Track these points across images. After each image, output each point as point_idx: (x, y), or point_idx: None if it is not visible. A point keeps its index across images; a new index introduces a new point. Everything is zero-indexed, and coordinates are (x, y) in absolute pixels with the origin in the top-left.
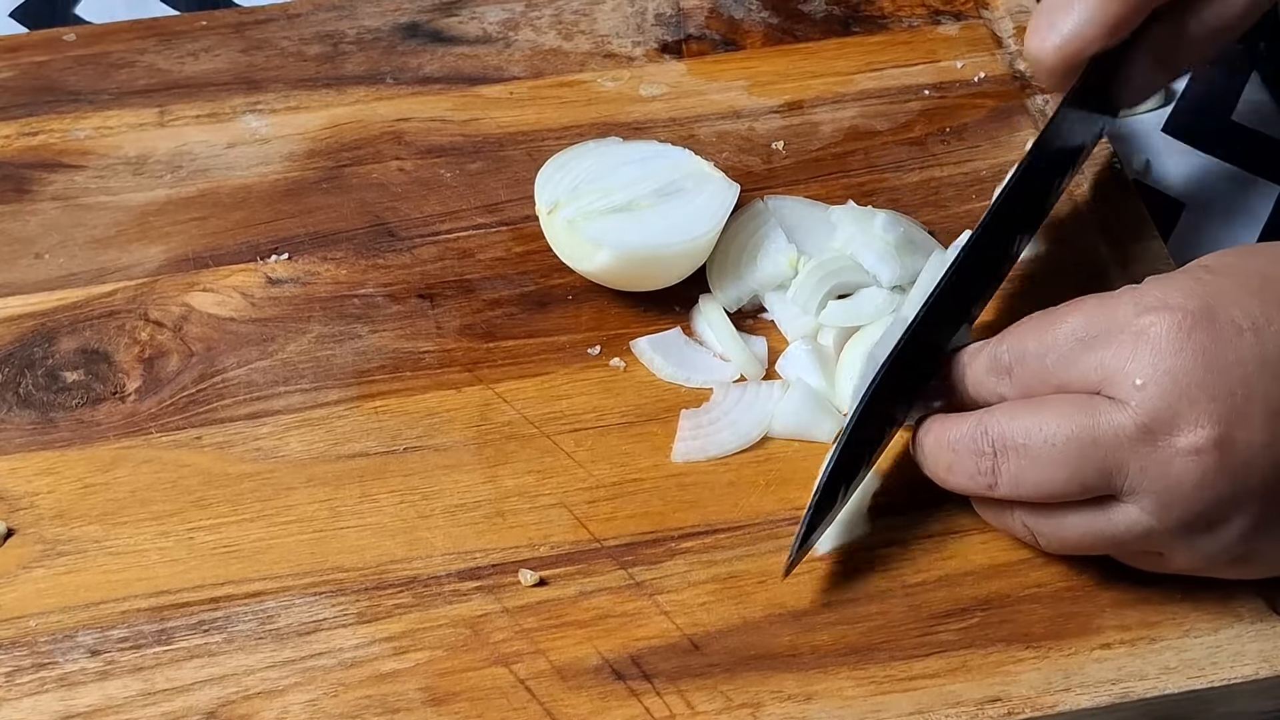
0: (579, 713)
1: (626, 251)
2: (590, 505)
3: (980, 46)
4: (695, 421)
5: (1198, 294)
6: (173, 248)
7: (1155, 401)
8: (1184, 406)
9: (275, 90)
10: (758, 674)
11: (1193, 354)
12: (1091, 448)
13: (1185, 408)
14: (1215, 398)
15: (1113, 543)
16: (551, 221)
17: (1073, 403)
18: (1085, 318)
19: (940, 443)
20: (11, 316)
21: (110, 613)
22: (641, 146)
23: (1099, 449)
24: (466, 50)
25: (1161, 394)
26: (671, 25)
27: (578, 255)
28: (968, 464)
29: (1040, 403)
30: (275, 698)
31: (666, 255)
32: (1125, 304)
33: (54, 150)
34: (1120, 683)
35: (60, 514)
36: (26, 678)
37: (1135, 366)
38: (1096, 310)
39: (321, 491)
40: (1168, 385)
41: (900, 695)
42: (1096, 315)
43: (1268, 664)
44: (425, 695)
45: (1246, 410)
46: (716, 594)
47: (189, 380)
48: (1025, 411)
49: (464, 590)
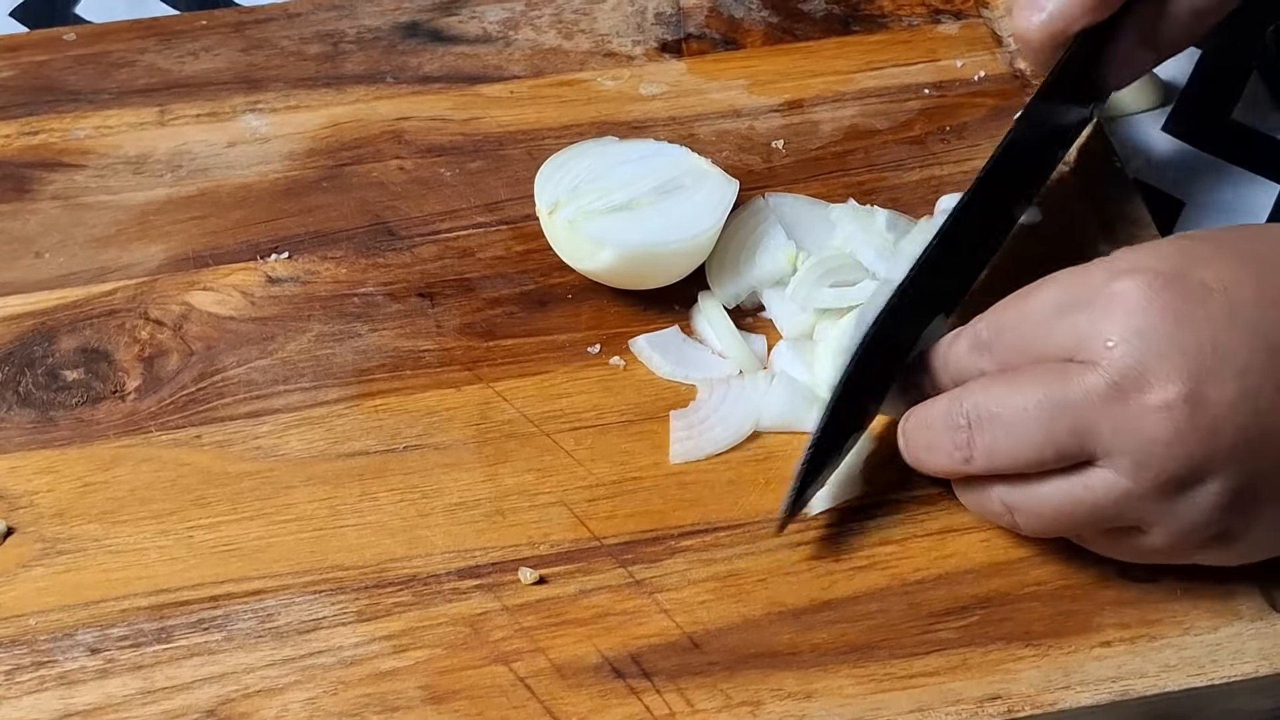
0: (579, 711)
1: (629, 250)
2: (590, 503)
3: (980, 45)
4: (686, 421)
5: (1169, 257)
6: (173, 247)
7: (1125, 359)
8: (1154, 363)
9: (275, 89)
10: (757, 672)
11: (1162, 312)
12: (1064, 410)
13: (1155, 364)
14: (1185, 353)
15: (1091, 512)
16: (552, 222)
17: (1046, 370)
18: (1060, 288)
19: (920, 423)
20: (11, 315)
21: (110, 611)
22: (639, 145)
23: (1071, 411)
24: (466, 49)
25: (1131, 351)
26: (671, 24)
27: (579, 255)
28: (944, 440)
29: (1014, 374)
30: (275, 696)
31: (668, 253)
32: (1098, 271)
33: (54, 149)
34: (1120, 681)
35: (60, 512)
36: (26, 676)
37: (1106, 327)
38: (1070, 280)
39: (321, 490)
40: (1137, 343)
41: (900, 693)
42: (1071, 285)
43: (1268, 662)
44: (425, 693)
45: (1216, 368)
46: (716, 592)
47: (189, 379)
48: (999, 383)
49: (464, 588)
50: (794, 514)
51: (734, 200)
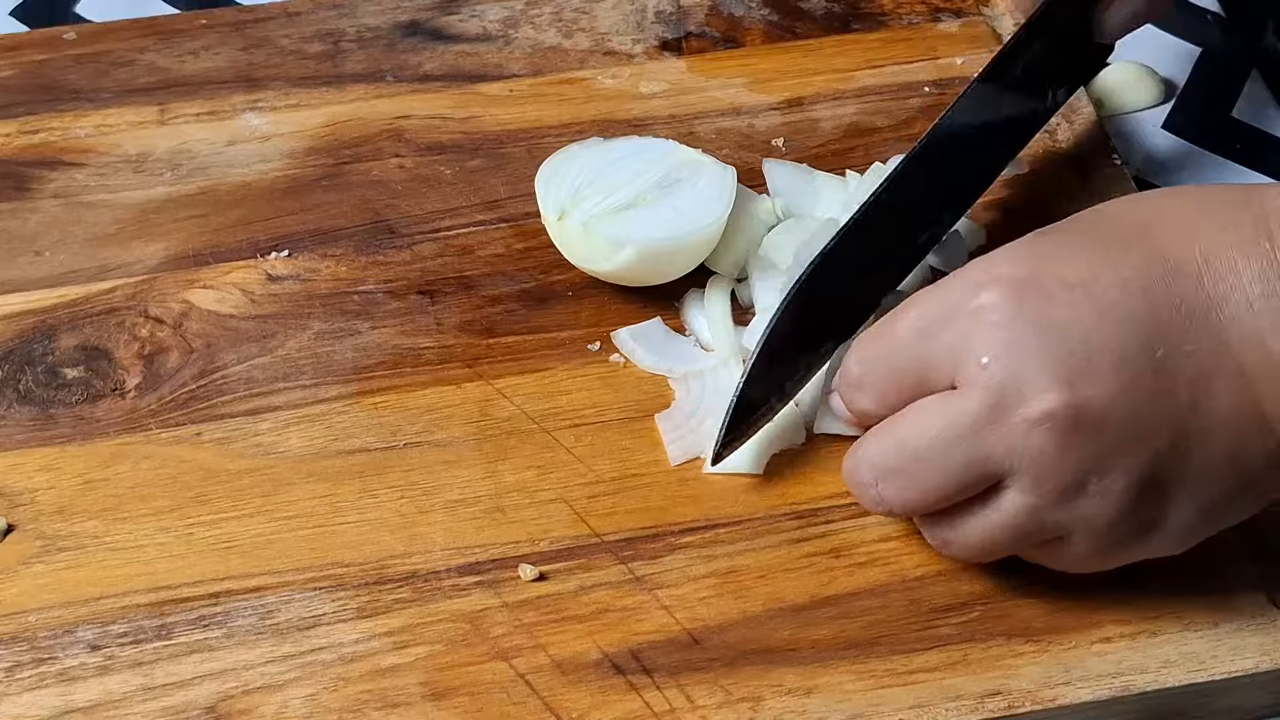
0: (579, 707)
1: (650, 245)
2: (590, 500)
3: (980, 43)
4: (673, 422)
5: (1023, 260)
6: (173, 245)
7: (999, 376)
8: (1028, 374)
9: (275, 88)
10: (757, 668)
11: (1026, 321)
12: (956, 444)
13: (1030, 376)
14: (1056, 359)
15: (1012, 534)
16: (563, 227)
17: (922, 409)
18: (920, 310)
19: (847, 482)
20: (12, 313)
21: (110, 608)
22: (626, 142)
23: (962, 444)
24: (466, 48)
25: (1004, 368)
26: (671, 23)
27: (597, 256)
28: (862, 496)
29: (895, 421)
30: (275, 692)
31: (687, 244)
32: (956, 286)
33: (54, 148)
34: (1120, 676)
35: (60, 510)
36: (26, 673)
37: (977, 345)
38: (929, 300)
39: (321, 487)
40: (1007, 358)
41: (900, 689)
42: (931, 304)
43: (1268, 657)
44: (425, 690)
45: (1090, 366)
46: (716, 589)
47: (189, 376)
48: (885, 433)
49: (464, 585)
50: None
51: (735, 186)
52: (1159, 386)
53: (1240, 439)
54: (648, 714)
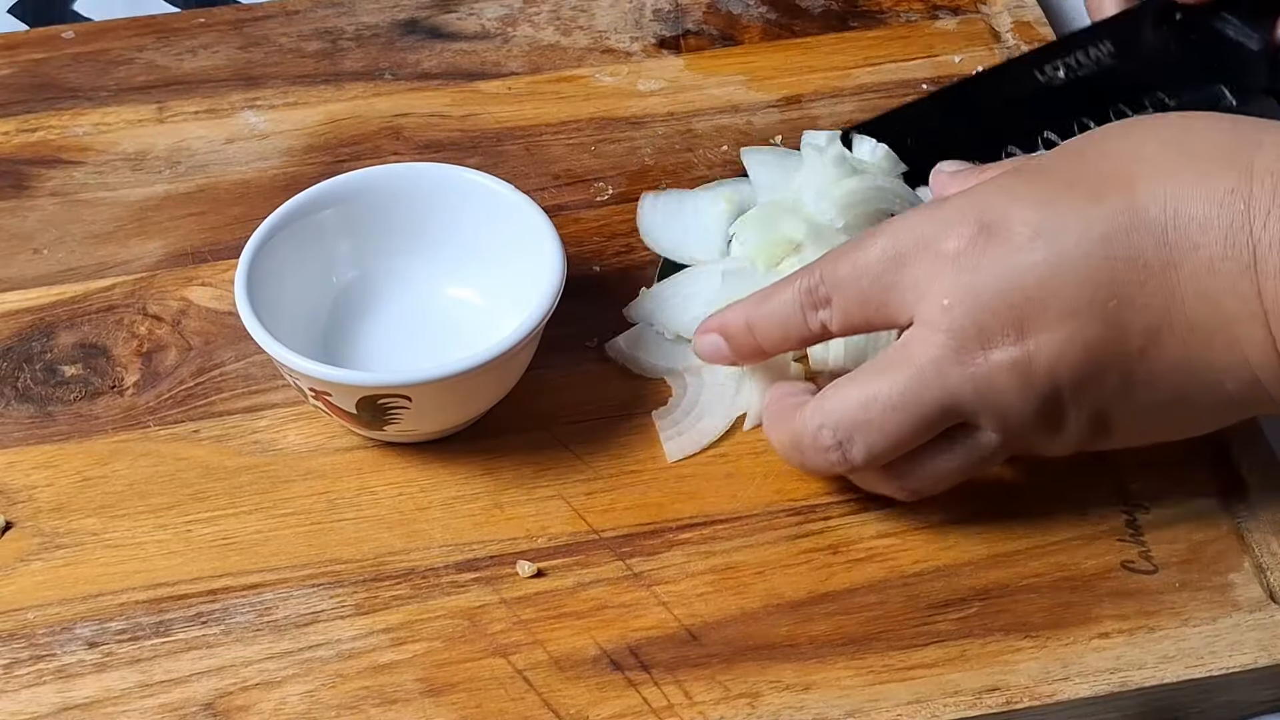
0: (577, 703)
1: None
2: (588, 497)
3: (978, 41)
4: (671, 419)
5: (997, 203)
6: (171, 243)
7: (962, 320)
8: (989, 320)
9: (274, 86)
10: (755, 664)
11: (990, 268)
12: (925, 392)
13: (990, 321)
14: (1013, 306)
15: (977, 466)
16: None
17: (887, 359)
18: (891, 238)
19: (784, 445)
20: (10, 311)
21: (108, 605)
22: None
23: (931, 390)
24: (465, 46)
25: (966, 312)
26: (669, 21)
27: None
28: (818, 460)
29: (860, 375)
30: (273, 689)
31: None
32: (929, 220)
33: (53, 146)
34: (1118, 672)
35: (58, 507)
36: (24, 670)
37: (940, 286)
38: (902, 228)
39: (319, 484)
40: (971, 302)
41: (898, 685)
42: (902, 233)
43: (1266, 653)
44: (423, 686)
45: (1045, 313)
46: (714, 585)
47: (187, 374)
48: (848, 388)
49: (462, 581)
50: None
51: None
52: (1110, 335)
53: (1186, 386)
54: (646, 710)
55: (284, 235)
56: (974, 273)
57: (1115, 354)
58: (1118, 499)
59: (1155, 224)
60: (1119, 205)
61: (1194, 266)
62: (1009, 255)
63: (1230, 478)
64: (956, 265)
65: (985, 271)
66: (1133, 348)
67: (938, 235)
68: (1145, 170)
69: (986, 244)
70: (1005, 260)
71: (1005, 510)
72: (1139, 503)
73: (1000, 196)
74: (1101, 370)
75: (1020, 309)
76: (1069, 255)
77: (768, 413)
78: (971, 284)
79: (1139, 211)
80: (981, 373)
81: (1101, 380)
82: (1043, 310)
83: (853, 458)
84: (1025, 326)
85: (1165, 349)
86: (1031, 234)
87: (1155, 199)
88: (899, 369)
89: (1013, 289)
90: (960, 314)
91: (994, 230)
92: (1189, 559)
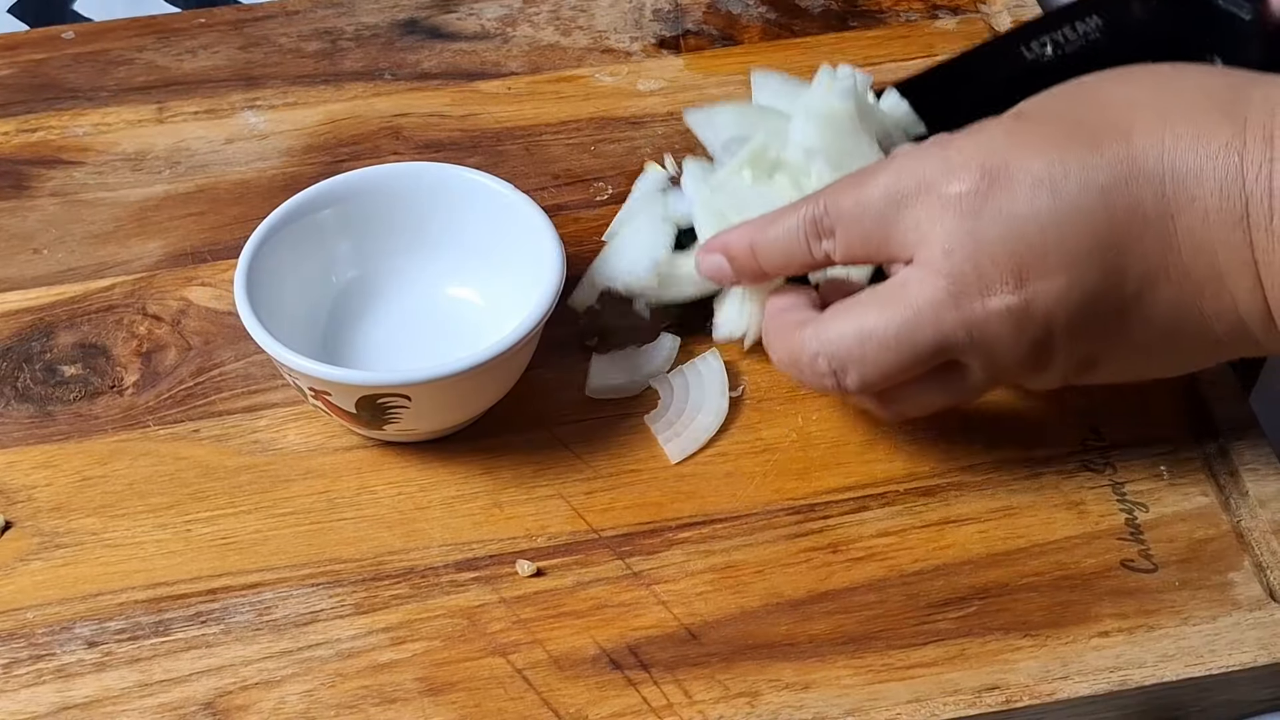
0: (576, 702)
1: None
2: (587, 496)
3: (978, 41)
4: (665, 421)
5: (1000, 149)
6: (171, 243)
7: (963, 265)
8: (989, 267)
9: (273, 86)
10: (755, 663)
11: (992, 215)
12: (920, 331)
13: (990, 268)
14: (1014, 254)
15: (961, 400)
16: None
17: (885, 294)
18: (895, 176)
19: (783, 362)
20: (10, 311)
21: (107, 604)
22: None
23: (927, 329)
24: (464, 46)
25: (967, 257)
26: (669, 21)
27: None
28: (813, 382)
29: (856, 306)
30: (272, 688)
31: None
32: (933, 161)
33: (53, 147)
34: (1118, 671)
35: (58, 507)
36: (24, 669)
37: (943, 231)
38: (905, 166)
39: (319, 483)
40: (971, 248)
41: (898, 684)
42: (905, 172)
43: (1266, 652)
44: (422, 685)
45: (1044, 261)
46: (714, 584)
47: (187, 374)
48: (845, 320)
49: (461, 581)
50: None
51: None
52: (1108, 283)
53: (1176, 329)
54: (645, 709)
55: (283, 235)
56: (976, 218)
57: (1111, 301)
58: (1117, 497)
59: (1154, 175)
60: (1118, 155)
61: (1190, 218)
62: (1011, 203)
63: (1230, 476)
64: (959, 210)
65: (987, 218)
66: (1128, 294)
67: (941, 178)
68: (1142, 121)
69: (989, 190)
70: (1008, 208)
71: (1005, 509)
72: (1139, 501)
73: (1003, 141)
74: (1097, 316)
75: (1020, 257)
76: (1071, 205)
77: (768, 326)
78: (973, 230)
79: (1137, 162)
80: (978, 318)
81: (1095, 325)
82: (1043, 258)
83: (846, 385)
84: (1024, 274)
85: (1159, 295)
86: (1034, 182)
87: (1153, 150)
88: (896, 307)
89: (1014, 237)
90: (960, 259)
91: (997, 177)
92: (1189, 558)
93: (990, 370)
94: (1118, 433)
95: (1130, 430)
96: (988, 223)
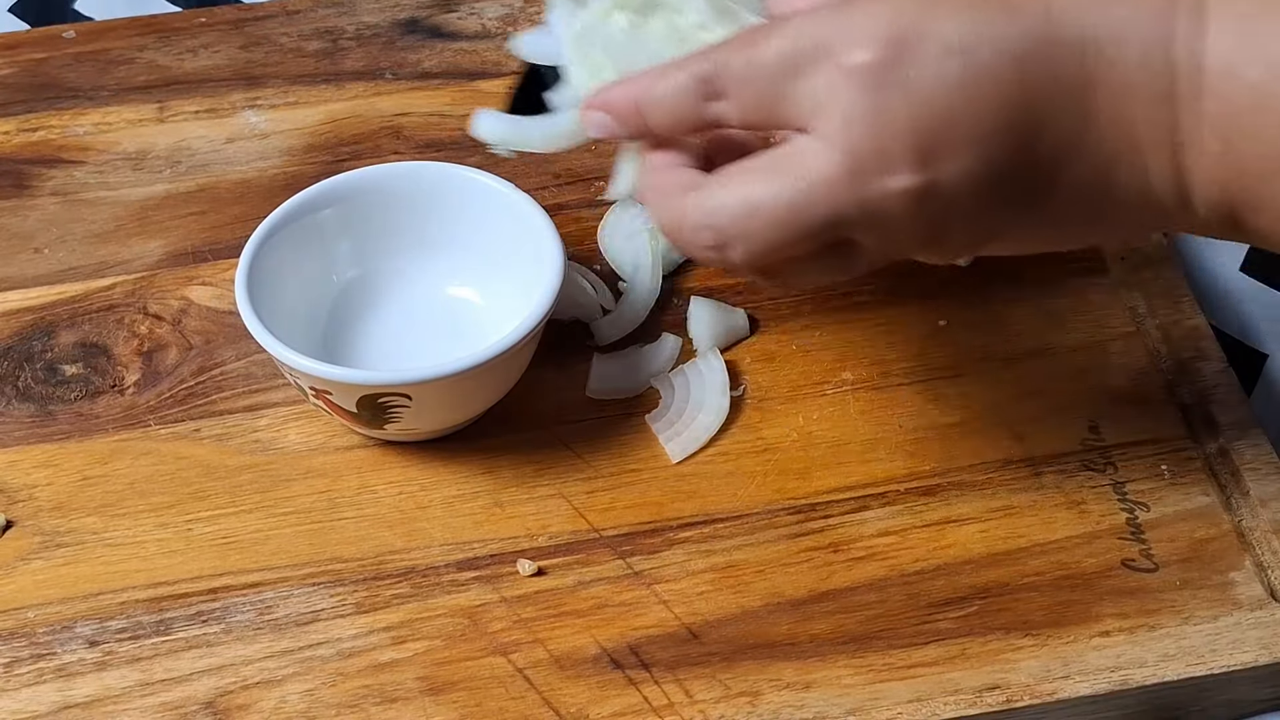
0: (577, 702)
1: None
2: (588, 495)
3: None
4: (666, 421)
5: (909, 11)
6: (172, 242)
7: (862, 141)
8: (890, 143)
9: (274, 86)
10: (756, 663)
11: (897, 87)
12: (812, 208)
13: (891, 144)
14: (918, 130)
15: (847, 276)
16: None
17: (777, 163)
18: (791, 40)
19: (664, 227)
20: (11, 310)
21: (108, 604)
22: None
23: (820, 206)
24: (465, 45)
25: (867, 132)
26: None
27: None
28: (696, 254)
29: (740, 173)
30: (273, 688)
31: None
32: (835, 23)
33: (53, 146)
34: (1119, 670)
35: (59, 506)
36: (25, 668)
37: (842, 104)
38: (803, 29)
39: (320, 483)
40: (873, 122)
41: (899, 683)
42: (804, 35)
43: (1267, 651)
44: (423, 685)
45: (951, 138)
46: (715, 583)
47: (187, 373)
48: (732, 189)
49: (462, 580)
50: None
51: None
52: (1018, 160)
53: (1085, 205)
54: (646, 709)
55: (284, 234)
56: (878, 91)
57: (1021, 178)
58: (1118, 497)
59: (1073, 44)
60: (1036, 21)
61: (1111, 90)
62: (918, 74)
63: (1231, 476)
64: (861, 82)
65: (891, 91)
66: (1040, 172)
67: (842, 44)
68: None
69: (895, 61)
70: (914, 79)
71: (1006, 508)
72: (1140, 501)
73: (913, 5)
74: (1004, 195)
75: (925, 133)
76: (982, 77)
77: (646, 184)
78: (875, 103)
79: (1056, 29)
80: (875, 198)
81: (1001, 203)
82: (949, 135)
83: (730, 259)
84: (928, 152)
85: (1072, 171)
86: (943, 51)
87: (1073, 17)
88: (788, 179)
89: (919, 111)
90: (860, 134)
91: (905, 44)
92: (1189, 557)
93: (885, 249)
94: (1118, 432)
95: (1131, 430)
96: (891, 95)
